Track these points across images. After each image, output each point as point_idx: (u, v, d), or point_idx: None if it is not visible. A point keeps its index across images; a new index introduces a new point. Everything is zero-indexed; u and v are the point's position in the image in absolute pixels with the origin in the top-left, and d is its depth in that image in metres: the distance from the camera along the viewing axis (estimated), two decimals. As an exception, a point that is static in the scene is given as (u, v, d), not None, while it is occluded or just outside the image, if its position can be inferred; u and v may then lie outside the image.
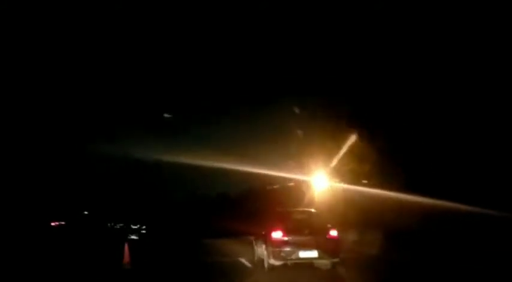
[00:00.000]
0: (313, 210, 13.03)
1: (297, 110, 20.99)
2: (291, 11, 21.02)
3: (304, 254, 11.07)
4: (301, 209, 14.20)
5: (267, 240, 11.53)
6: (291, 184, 25.72)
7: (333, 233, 11.36)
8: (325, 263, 11.31)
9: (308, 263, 11.35)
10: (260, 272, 11.52)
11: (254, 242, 13.37)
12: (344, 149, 19.25)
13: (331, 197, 20.51)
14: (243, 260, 13.92)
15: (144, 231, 55.10)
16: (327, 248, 11.11)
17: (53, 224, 38.22)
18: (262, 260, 11.90)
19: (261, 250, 12.12)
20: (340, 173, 20.35)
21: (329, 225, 11.63)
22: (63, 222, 40.66)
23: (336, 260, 11.17)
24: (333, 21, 19.56)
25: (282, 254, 11.07)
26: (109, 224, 58.61)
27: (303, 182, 23.26)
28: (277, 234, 11.24)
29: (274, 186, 29.08)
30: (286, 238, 11.19)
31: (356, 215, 18.73)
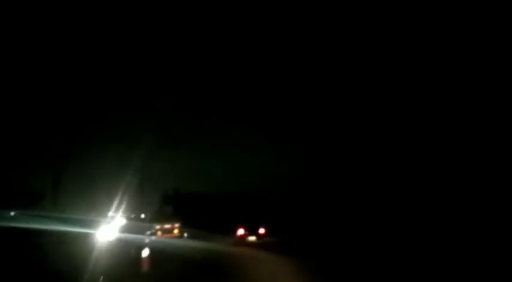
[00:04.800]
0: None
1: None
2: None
3: (250, 238, 29.01)
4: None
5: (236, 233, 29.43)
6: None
7: (261, 230, 29.29)
8: (259, 242, 29.11)
9: (253, 242, 29.15)
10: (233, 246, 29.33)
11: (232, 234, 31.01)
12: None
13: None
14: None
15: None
16: (259, 236, 29.04)
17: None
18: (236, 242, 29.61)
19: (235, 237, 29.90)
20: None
21: (260, 226, 29.46)
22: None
23: (263, 241, 29.02)
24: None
25: (242, 238, 28.99)
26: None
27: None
28: (241, 231, 29.19)
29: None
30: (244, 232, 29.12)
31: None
